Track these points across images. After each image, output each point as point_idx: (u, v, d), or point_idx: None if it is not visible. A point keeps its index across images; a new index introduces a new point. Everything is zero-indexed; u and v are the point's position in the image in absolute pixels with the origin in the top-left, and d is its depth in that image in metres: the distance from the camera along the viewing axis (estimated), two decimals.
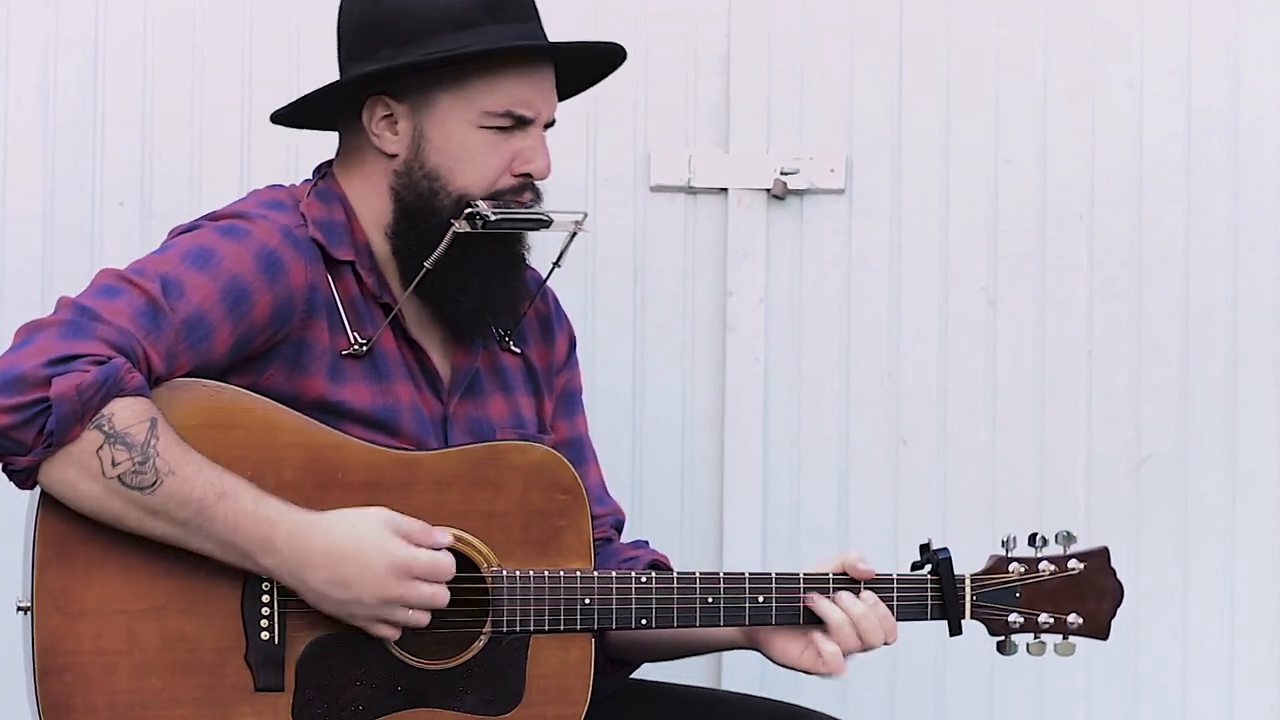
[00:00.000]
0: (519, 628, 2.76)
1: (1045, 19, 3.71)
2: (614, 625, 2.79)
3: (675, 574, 2.82)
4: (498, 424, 2.93)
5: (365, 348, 2.83)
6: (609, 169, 3.72)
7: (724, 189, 3.71)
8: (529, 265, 2.94)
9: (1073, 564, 2.89)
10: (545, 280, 3.03)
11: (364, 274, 2.86)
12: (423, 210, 2.85)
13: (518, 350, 2.99)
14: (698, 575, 2.82)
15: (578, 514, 2.80)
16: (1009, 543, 2.88)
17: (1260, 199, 3.70)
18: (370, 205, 2.89)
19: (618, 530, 3.06)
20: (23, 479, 2.63)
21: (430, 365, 2.90)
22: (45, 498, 2.65)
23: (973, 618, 2.87)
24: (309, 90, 2.91)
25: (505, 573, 2.76)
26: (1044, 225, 3.71)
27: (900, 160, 3.71)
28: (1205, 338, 3.70)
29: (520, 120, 2.86)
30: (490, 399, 2.95)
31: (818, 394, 3.71)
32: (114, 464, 2.60)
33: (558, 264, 2.98)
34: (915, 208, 3.71)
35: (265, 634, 2.69)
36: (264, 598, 2.69)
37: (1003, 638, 2.89)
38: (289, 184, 2.96)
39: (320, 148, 3.01)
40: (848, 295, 3.71)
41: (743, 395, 3.70)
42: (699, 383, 3.72)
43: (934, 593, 2.86)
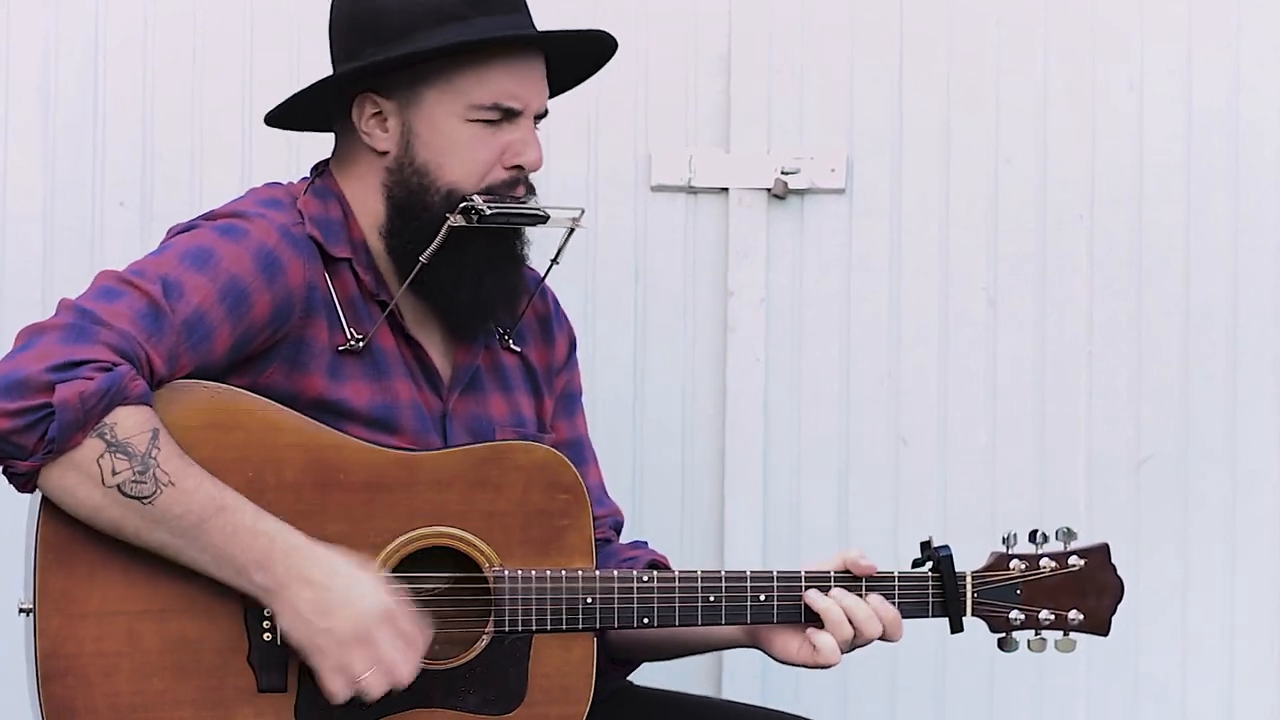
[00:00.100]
0: (521, 627, 2.76)
1: (1045, 19, 3.71)
2: (616, 625, 2.79)
3: (677, 573, 2.81)
4: (498, 422, 2.93)
5: (361, 343, 2.83)
6: (610, 169, 3.72)
7: (725, 189, 3.71)
8: (528, 264, 2.94)
9: (1073, 560, 2.89)
10: (544, 278, 3.02)
11: (361, 271, 2.86)
12: (414, 206, 2.85)
13: (517, 349, 2.99)
14: (699, 574, 2.81)
15: (579, 514, 2.80)
16: (1009, 540, 2.88)
17: (1260, 199, 3.70)
18: (365, 204, 2.89)
19: (616, 532, 3.06)
20: (23, 483, 2.63)
21: (429, 362, 2.90)
22: (47, 501, 2.64)
23: (974, 615, 2.87)
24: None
25: (507, 573, 2.76)
26: (1044, 225, 3.71)
27: (900, 160, 3.71)
28: (1205, 338, 3.70)
29: (509, 112, 2.85)
30: (490, 397, 2.94)
31: (818, 394, 3.71)
32: (114, 473, 2.59)
33: (556, 261, 2.98)
34: (915, 208, 3.71)
35: (268, 635, 2.68)
36: None
37: (1004, 635, 2.88)
38: (286, 181, 2.96)
39: (320, 148, 3.00)
40: (848, 295, 3.71)
41: (743, 395, 3.70)
42: (699, 383, 3.72)
43: (935, 589, 2.86)
